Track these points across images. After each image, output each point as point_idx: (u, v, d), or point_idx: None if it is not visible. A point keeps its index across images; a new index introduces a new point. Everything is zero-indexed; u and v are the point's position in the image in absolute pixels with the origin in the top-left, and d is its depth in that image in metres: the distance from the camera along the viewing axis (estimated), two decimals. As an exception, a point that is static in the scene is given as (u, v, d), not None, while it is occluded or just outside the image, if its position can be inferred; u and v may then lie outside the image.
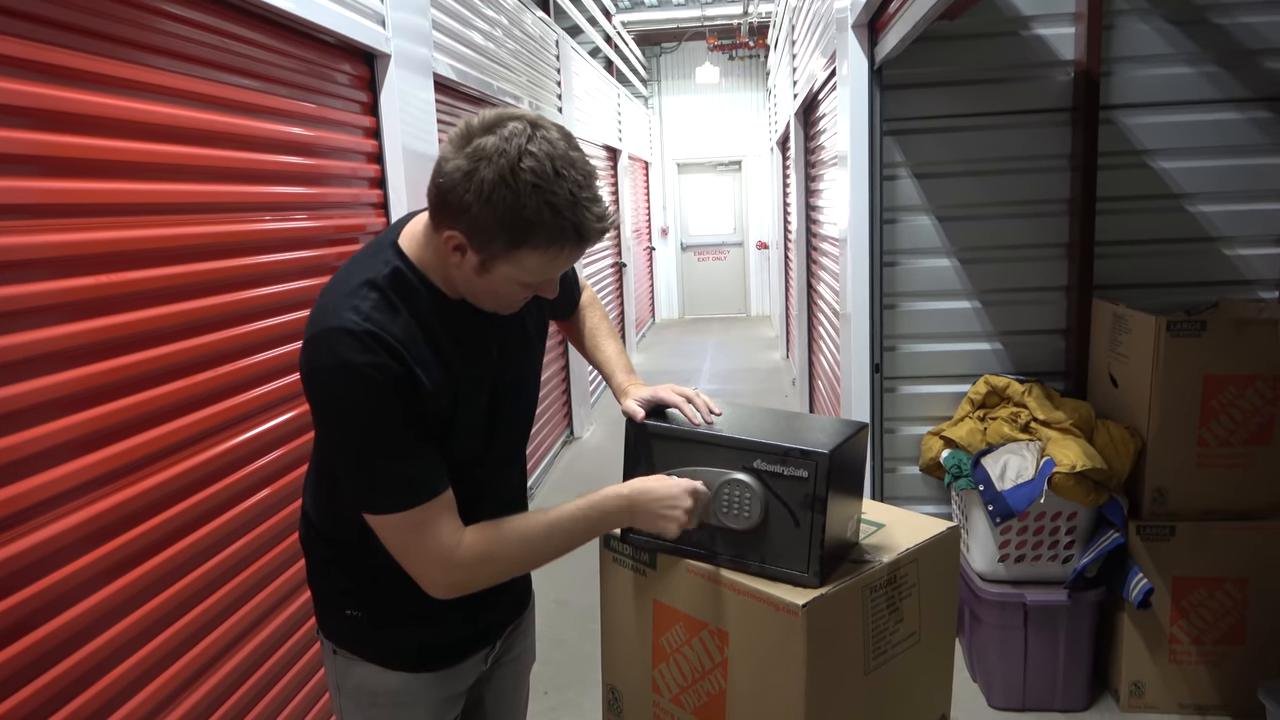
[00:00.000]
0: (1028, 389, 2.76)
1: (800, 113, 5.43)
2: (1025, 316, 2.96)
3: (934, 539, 1.40)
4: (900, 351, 3.00)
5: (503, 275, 1.14)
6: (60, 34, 1.49)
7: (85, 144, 1.54)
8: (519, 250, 1.10)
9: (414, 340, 1.16)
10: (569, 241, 1.10)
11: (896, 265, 2.95)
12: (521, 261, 1.12)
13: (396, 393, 1.12)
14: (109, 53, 1.60)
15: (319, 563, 1.38)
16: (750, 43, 10.35)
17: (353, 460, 1.14)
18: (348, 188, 2.55)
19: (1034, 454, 2.53)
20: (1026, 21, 2.82)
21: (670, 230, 11.76)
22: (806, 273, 5.68)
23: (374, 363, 1.10)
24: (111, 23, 1.60)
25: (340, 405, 1.13)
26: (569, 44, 5.92)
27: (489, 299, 1.20)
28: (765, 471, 1.27)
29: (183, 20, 1.82)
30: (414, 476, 1.14)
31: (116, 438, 1.60)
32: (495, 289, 1.17)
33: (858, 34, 2.72)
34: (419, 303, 1.19)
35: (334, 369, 1.11)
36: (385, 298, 1.15)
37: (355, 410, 1.12)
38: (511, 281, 1.15)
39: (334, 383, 1.12)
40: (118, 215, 1.62)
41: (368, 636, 1.34)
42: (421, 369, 1.15)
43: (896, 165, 2.91)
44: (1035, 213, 2.91)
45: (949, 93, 2.88)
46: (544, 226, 1.07)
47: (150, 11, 1.71)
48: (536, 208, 1.06)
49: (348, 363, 1.10)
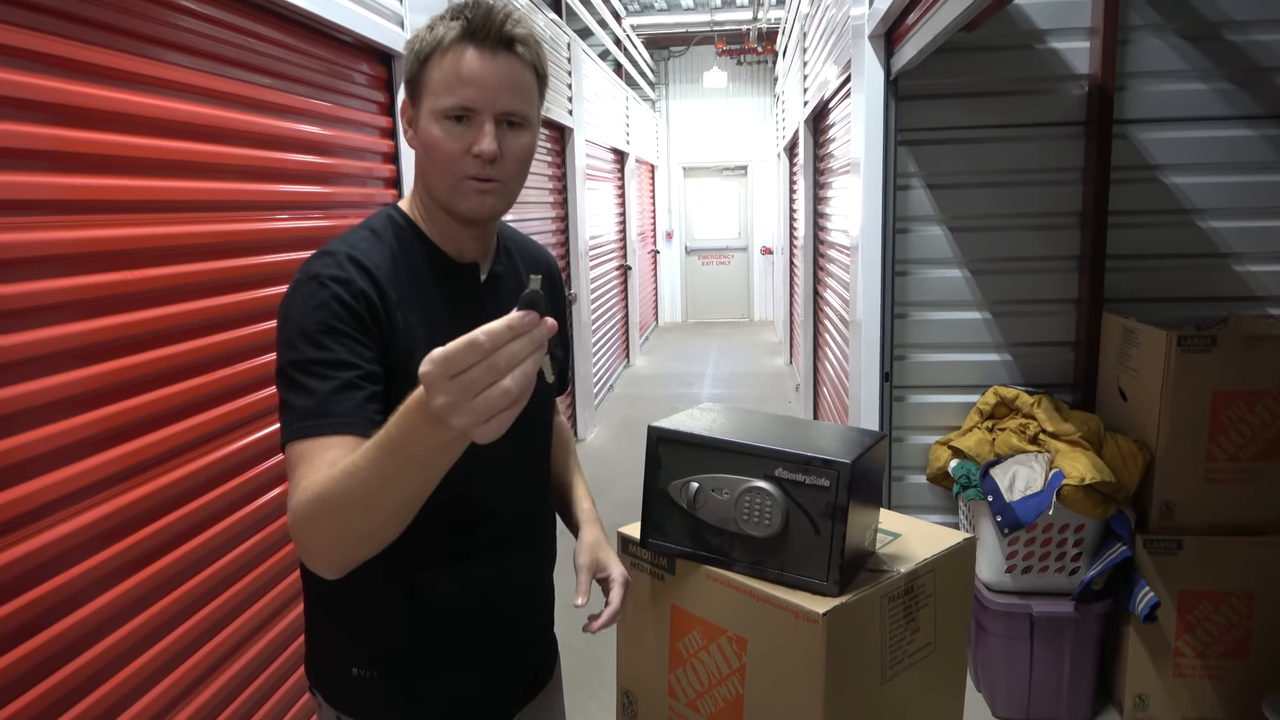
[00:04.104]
0: (1037, 401, 2.77)
1: (810, 120, 5.44)
2: (1035, 328, 2.97)
3: (951, 550, 1.41)
4: (910, 361, 3.01)
5: (426, 115, 1.10)
6: (75, 27, 1.49)
7: (98, 139, 1.54)
8: (427, 66, 1.10)
9: (397, 275, 1.12)
10: (454, 33, 1.08)
11: (908, 275, 2.96)
12: (432, 82, 1.09)
13: (355, 302, 1.04)
14: (124, 47, 1.60)
15: (321, 597, 1.22)
16: (759, 48, 10.36)
17: (282, 373, 1.03)
18: (363, 187, 2.56)
19: (1043, 466, 2.54)
20: (1042, 35, 2.83)
21: (675, 234, 11.78)
22: (813, 279, 5.69)
23: (341, 276, 1.06)
24: (127, 17, 1.61)
25: (288, 309, 1.05)
26: (580, 46, 5.94)
27: (439, 178, 1.12)
28: (786, 480, 1.28)
29: (200, 16, 1.82)
30: (327, 397, 0.99)
31: (127, 437, 1.60)
32: (430, 142, 1.10)
33: (874, 44, 2.73)
34: (412, 251, 1.16)
35: (299, 281, 1.07)
36: (375, 235, 1.15)
37: (300, 311, 1.04)
38: (435, 121, 1.09)
39: (293, 291, 1.07)
40: (129, 212, 1.62)
41: (383, 698, 1.20)
42: (396, 298, 1.10)
43: (909, 175, 2.92)
44: (1047, 225, 2.92)
45: (963, 104, 2.89)
46: (436, 25, 1.10)
47: (167, 6, 1.72)
48: (434, 23, 1.11)
49: (315, 274, 1.06)
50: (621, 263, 8.31)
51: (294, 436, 0.99)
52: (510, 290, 1.27)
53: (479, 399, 0.71)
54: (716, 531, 1.32)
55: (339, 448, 0.95)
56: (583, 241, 5.92)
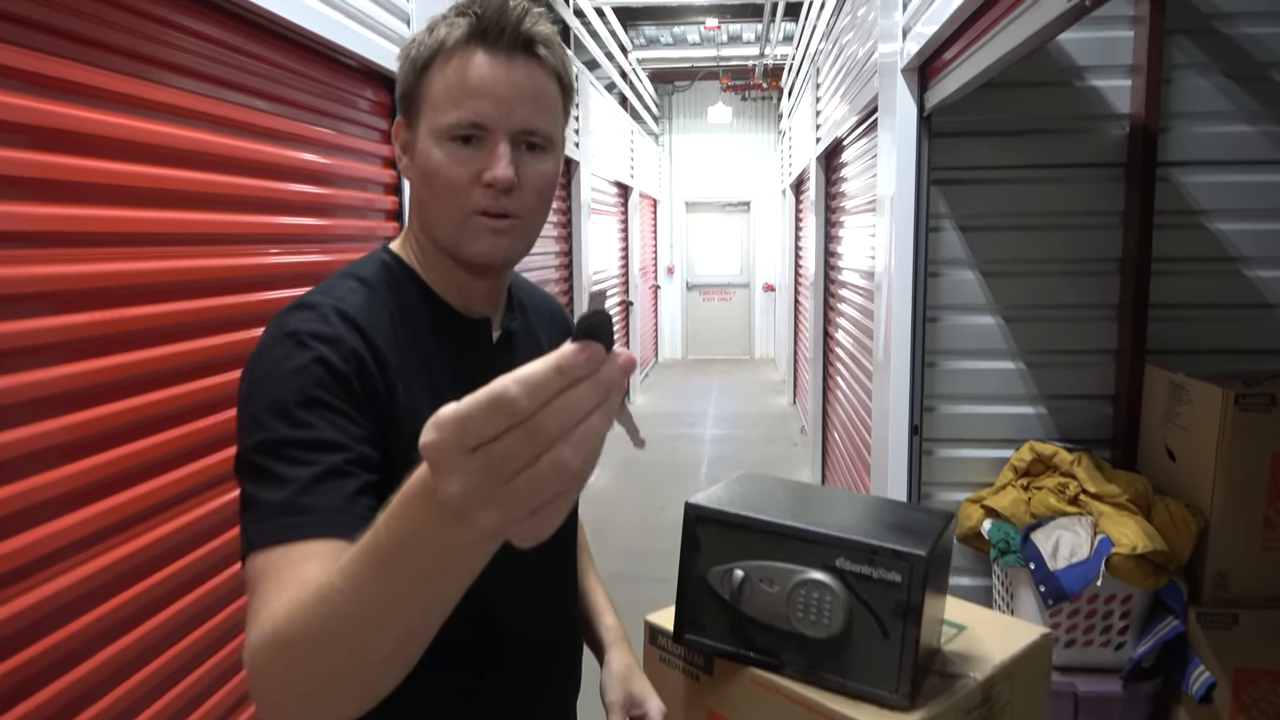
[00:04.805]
0: (1076, 458, 2.59)
1: (822, 157, 5.32)
2: (1071, 380, 2.80)
3: (1028, 649, 1.23)
4: (939, 412, 2.83)
5: (425, 136, 0.90)
6: (54, 42, 1.34)
7: (71, 165, 1.39)
8: (427, 76, 0.90)
9: (396, 336, 0.90)
10: (460, 33, 0.89)
11: (938, 321, 2.80)
12: (432, 94, 0.89)
13: (345, 366, 0.82)
14: (104, 64, 1.45)
15: None
16: (764, 84, 10.32)
17: (244, 462, 0.80)
18: (363, 220, 2.40)
19: (1087, 530, 2.36)
20: (1081, 72, 2.70)
21: (676, 269, 11.66)
22: (823, 319, 5.54)
23: (326, 333, 0.83)
24: (105, 29, 1.45)
25: (254, 377, 0.82)
26: (587, 77, 5.83)
27: (441, 214, 0.91)
28: (850, 572, 1.10)
29: (190, 32, 1.67)
30: (304, 489, 0.75)
31: (117, 488, 1.47)
32: (430, 169, 0.90)
33: (907, 78, 2.59)
34: (411, 305, 0.95)
35: (270, 341, 0.84)
36: (366, 286, 0.92)
37: (272, 378, 0.81)
38: (436, 142, 0.89)
39: (262, 353, 0.84)
40: (108, 245, 1.47)
41: None
42: (397, 364, 0.88)
43: (940, 216, 2.77)
44: (1084, 271, 2.76)
45: (997, 142, 2.75)
46: (437, 26, 0.91)
47: (152, 20, 1.57)
48: (433, 24, 0.92)
49: (293, 331, 0.83)
50: (624, 298, 8.16)
51: (257, 544, 0.74)
52: (528, 352, 1.05)
53: (518, 482, 0.47)
54: (765, 629, 1.14)
55: (318, 558, 0.71)
56: (586, 277, 5.77)
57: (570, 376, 0.47)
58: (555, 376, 0.47)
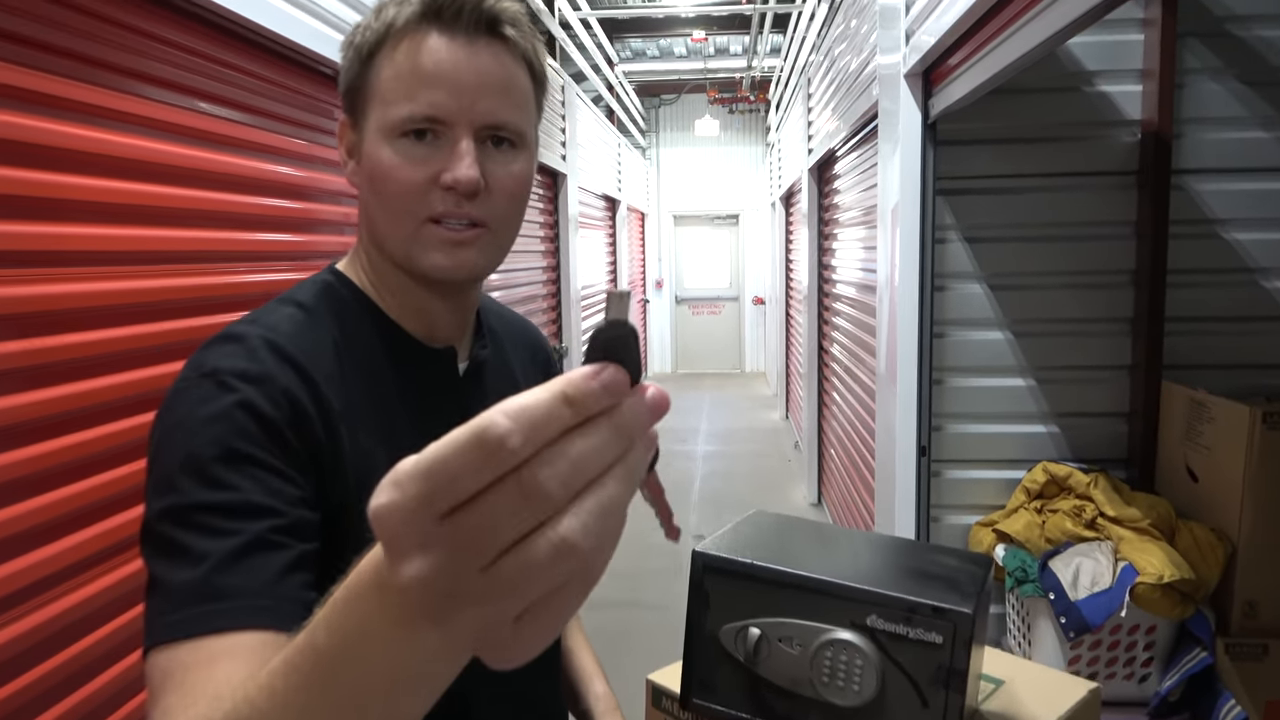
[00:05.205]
0: (1093, 480, 2.47)
1: (815, 168, 5.22)
2: (1084, 397, 2.68)
3: (1077, 708, 1.10)
4: (947, 432, 2.71)
5: (373, 134, 0.76)
6: (11, 49, 1.21)
7: (26, 178, 1.25)
8: (373, 64, 0.76)
9: (342, 372, 0.77)
10: (411, 11, 0.75)
11: (945, 337, 2.68)
12: (380, 85, 0.76)
13: (275, 411, 0.68)
14: (63, 71, 1.32)
15: None
16: (751, 97, 10.25)
17: (150, 532, 0.65)
18: (340, 235, 2.26)
19: (1108, 557, 2.24)
20: (1090, 77, 2.59)
21: (665, 283, 11.55)
22: (817, 333, 5.42)
23: (252, 372, 0.69)
24: (65, 35, 1.32)
25: (165, 426, 0.68)
26: (574, 89, 5.72)
27: (392, 223, 0.78)
28: (883, 631, 0.97)
29: (158, 39, 1.54)
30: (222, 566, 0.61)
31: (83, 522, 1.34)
32: (379, 172, 0.76)
33: (910, 84, 2.48)
34: (361, 334, 0.81)
35: (184, 382, 0.70)
36: (305, 313, 0.79)
37: (185, 428, 0.67)
38: (385, 140, 0.75)
39: (174, 398, 0.70)
40: (65, 265, 1.33)
41: None
42: (342, 406, 0.74)
43: (946, 227, 2.65)
44: (1096, 284, 2.65)
45: (1003, 151, 2.64)
46: (385, 6, 0.77)
47: (116, 26, 1.43)
48: (381, 5, 0.78)
49: (212, 370, 0.69)
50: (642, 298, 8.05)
51: (161, 638, 0.59)
52: (502, 387, 0.90)
53: (504, 565, 0.32)
54: (785, 694, 1.01)
55: (238, 658, 0.56)
56: (575, 291, 5.64)
57: (581, 411, 0.32)
58: (560, 408, 0.32)
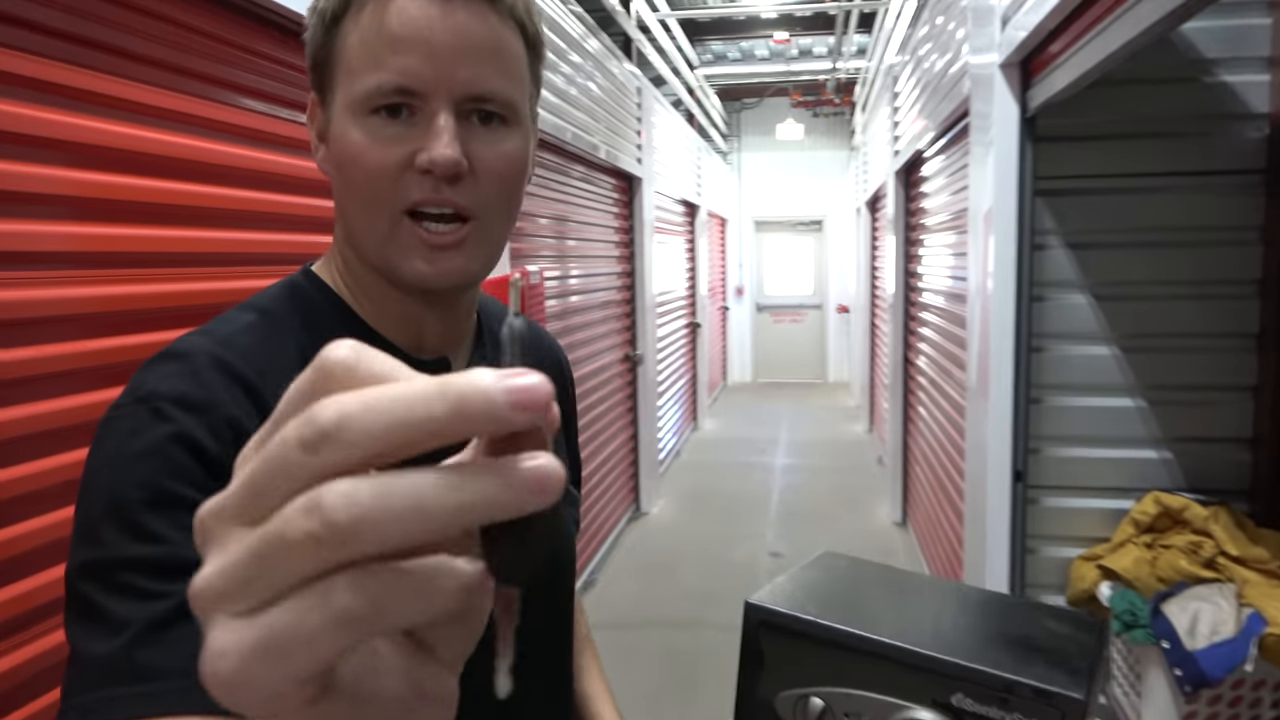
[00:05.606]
0: (1213, 514, 2.22)
1: (901, 171, 5.00)
2: (1200, 421, 2.43)
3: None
4: (1044, 455, 2.49)
5: (341, 112, 0.65)
6: (13, 34, 1.14)
7: (35, 174, 1.19)
8: (339, 31, 0.64)
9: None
10: None
11: (1044, 351, 2.46)
12: (347, 55, 0.64)
13: (217, 445, 0.57)
14: (59, 55, 1.25)
15: None
16: (836, 99, 9.98)
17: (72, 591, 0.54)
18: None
19: (1230, 602, 2.00)
20: (1209, 66, 2.35)
21: (746, 290, 11.36)
22: (903, 343, 5.18)
23: (192, 397, 0.58)
24: (59, 14, 1.25)
25: (94, 463, 0.58)
26: (652, 92, 5.61)
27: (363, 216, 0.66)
28: (971, 714, 0.80)
29: (163, 19, 1.46)
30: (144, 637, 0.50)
31: None
32: (347, 156, 0.65)
33: (1006, 74, 2.28)
34: (325, 332, 0.67)
35: (119, 410, 0.59)
36: (267, 321, 0.68)
37: (113, 466, 0.56)
38: (354, 118, 0.64)
39: (105, 428, 0.59)
40: (66, 267, 1.26)
41: None
42: None
43: (1046, 233, 2.44)
44: (1216, 295, 2.40)
45: (1111, 148, 2.41)
46: None
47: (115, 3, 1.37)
48: None
49: (147, 395, 0.59)
50: (690, 320, 7.90)
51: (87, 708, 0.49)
52: None
53: (271, 615, 0.22)
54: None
55: None
56: (649, 297, 5.53)
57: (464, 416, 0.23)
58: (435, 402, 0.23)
